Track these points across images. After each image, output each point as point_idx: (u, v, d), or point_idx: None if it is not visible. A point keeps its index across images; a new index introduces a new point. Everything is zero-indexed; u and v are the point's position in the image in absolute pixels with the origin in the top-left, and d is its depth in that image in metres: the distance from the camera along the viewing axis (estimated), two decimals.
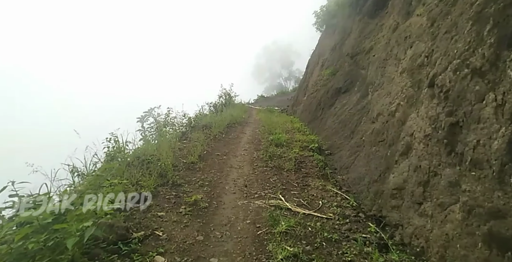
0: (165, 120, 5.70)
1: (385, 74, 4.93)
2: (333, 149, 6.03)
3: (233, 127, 6.99)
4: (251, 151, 5.15)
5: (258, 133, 6.53)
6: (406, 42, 4.28)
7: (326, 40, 12.57)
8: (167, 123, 5.70)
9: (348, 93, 7.72)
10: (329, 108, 8.42)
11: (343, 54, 9.30)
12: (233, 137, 6.13)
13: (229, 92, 11.40)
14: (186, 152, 4.61)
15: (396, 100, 3.76)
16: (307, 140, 5.83)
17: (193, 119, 6.59)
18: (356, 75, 7.75)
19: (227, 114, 7.95)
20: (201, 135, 5.46)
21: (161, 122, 5.62)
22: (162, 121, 5.65)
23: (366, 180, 3.74)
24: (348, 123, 6.43)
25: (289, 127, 7.44)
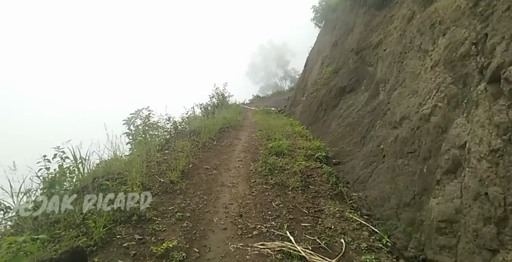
0: (143, 126, 4.80)
1: (405, 70, 4.18)
2: (342, 156, 5.26)
3: (227, 132, 6.16)
4: (247, 162, 4.34)
5: (255, 139, 5.73)
6: (434, 30, 3.53)
7: (325, 36, 11.84)
8: (146, 129, 4.81)
9: (354, 92, 6.98)
10: (332, 109, 7.67)
11: (346, 50, 8.57)
12: (226, 144, 5.30)
13: (222, 92, 10.55)
14: (166, 167, 3.68)
15: (429, 101, 2.99)
16: (311, 147, 5.06)
17: (179, 123, 5.72)
18: (363, 72, 7.02)
19: (219, 117, 7.12)
20: (187, 143, 4.62)
21: (139, 128, 4.73)
22: (142, 127, 4.76)
23: (393, 202, 2.96)
24: (356, 127, 5.67)
25: (289, 132, 6.65)
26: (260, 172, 3.88)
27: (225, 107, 9.67)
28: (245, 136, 6.08)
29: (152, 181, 3.34)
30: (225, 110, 8.90)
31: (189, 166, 3.88)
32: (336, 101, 7.66)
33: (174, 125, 5.57)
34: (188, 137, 5.08)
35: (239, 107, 13.06)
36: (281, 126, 7.10)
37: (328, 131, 7.02)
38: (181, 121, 5.76)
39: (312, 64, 12.42)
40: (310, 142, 5.71)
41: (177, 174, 3.51)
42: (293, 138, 6.06)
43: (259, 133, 6.15)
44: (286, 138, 5.89)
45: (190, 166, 3.93)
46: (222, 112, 8.19)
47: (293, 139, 5.97)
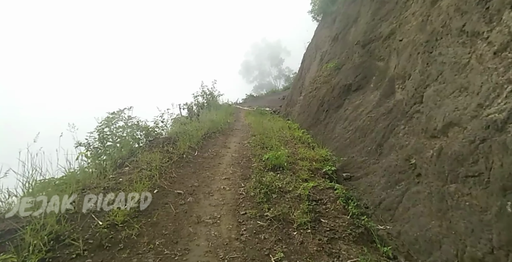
0: (100, 133, 3.68)
1: (438, 61, 3.26)
2: (353, 169, 4.32)
3: (213, 139, 5.13)
4: (236, 182, 3.33)
5: (247, 147, 4.73)
6: (491, 3, 2.60)
7: (324, 30, 10.93)
8: (107, 137, 3.70)
9: (362, 91, 6.07)
10: (335, 110, 6.75)
11: (350, 43, 7.66)
12: (211, 155, 4.28)
13: (211, 90, 9.46)
14: (113, 197, 2.51)
15: (497, 100, 2.06)
16: (316, 158, 4.11)
17: (151, 129, 4.64)
18: (371, 68, 6.11)
19: (206, 120, 6.08)
20: (157, 155, 3.55)
21: (98, 136, 3.62)
22: (99, 135, 3.63)
23: (450, 251, 2.01)
24: (369, 132, 4.74)
25: (287, 137, 5.69)
26: (253, 196, 2.86)
27: (215, 107, 8.62)
28: (236, 143, 5.07)
29: (78, 226, 2.12)
30: (214, 111, 7.86)
31: (153, 192, 2.82)
32: (340, 101, 6.73)
33: (146, 132, 4.49)
34: (161, 146, 4.03)
35: (230, 107, 12.02)
36: (278, 130, 6.13)
37: (332, 135, 6.08)
38: (154, 126, 4.69)
39: (310, 61, 11.50)
40: (313, 150, 4.76)
41: (127, 211, 2.35)
42: (293, 145, 5.09)
43: (252, 139, 5.16)
44: (284, 145, 4.92)
45: (155, 191, 2.88)
46: (210, 114, 7.14)
47: (292, 146, 5.01)
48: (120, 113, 5.61)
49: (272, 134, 5.68)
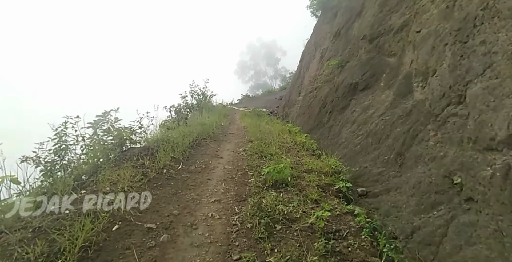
0: (57, 143, 2.88)
1: (486, 51, 2.60)
2: (367, 181, 3.65)
3: (203, 147, 4.38)
4: (228, 206, 2.58)
5: (243, 156, 4.01)
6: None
7: (324, 26, 10.29)
8: (64, 148, 2.91)
9: (371, 90, 5.42)
10: (341, 112, 6.09)
11: (355, 39, 7.02)
12: (198, 169, 3.51)
13: (203, 90, 8.70)
14: (44, 244, 1.69)
15: None
16: (325, 170, 3.43)
17: (127, 136, 3.83)
18: (380, 65, 5.47)
19: (196, 123, 5.34)
20: (126, 172, 2.79)
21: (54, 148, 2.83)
22: (55, 147, 2.84)
23: None
24: (384, 138, 4.08)
25: (288, 142, 5.00)
26: (249, 229, 2.11)
27: (207, 109, 7.88)
28: (229, 151, 4.34)
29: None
30: (206, 113, 7.12)
31: (111, 230, 2.07)
32: (345, 102, 6.08)
33: (120, 141, 3.67)
34: (135, 159, 3.27)
35: (225, 108, 11.28)
36: (277, 135, 5.43)
37: (339, 140, 5.41)
38: (129, 133, 3.87)
39: (309, 59, 10.85)
40: (320, 159, 4.08)
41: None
42: (295, 153, 4.40)
43: (248, 146, 4.44)
44: (285, 153, 4.22)
45: (115, 228, 2.08)
46: (202, 117, 6.40)
47: (295, 154, 4.32)
48: (106, 115, 4.86)
49: (271, 139, 4.98)
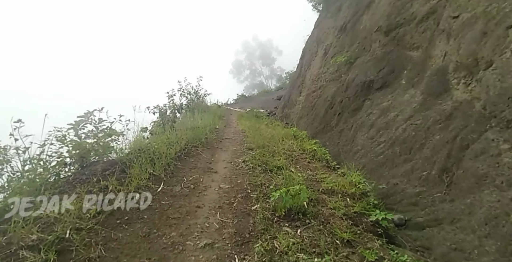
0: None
1: None
2: (402, 204, 2.88)
3: (192, 157, 3.47)
4: (226, 253, 1.71)
5: (243, 169, 3.16)
6: None
7: (327, 21, 9.56)
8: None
9: (389, 89, 4.68)
10: (353, 114, 5.34)
11: (365, 32, 6.28)
12: (184, 191, 2.57)
13: (196, 88, 7.81)
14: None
15: None
16: (350, 190, 2.66)
17: (91, 147, 2.90)
18: (400, 59, 4.74)
19: (186, 126, 4.49)
20: (76, 202, 1.90)
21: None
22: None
23: None
24: (417, 147, 3.33)
25: (295, 150, 4.21)
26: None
27: (200, 109, 7.04)
28: (226, 162, 3.48)
29: None
30: (198, 114, 6.28)
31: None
32: (358, 103, 5.33)
33: (80, 153, 2.75)
34: (95, 180, 2.40)
35: (220, 109, 10.42)
36: (281, 141, 4.63)
37: (353, 147, 4.65)
38: (93, 143, 2.94)
39: (310, 56, 10.10)
40: (338, 173, 3.30)
41: None
42: (306, 164, 3.61)
43: (249, 156, 3.61)
44: (293, 164, 3.43)
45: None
46: (194, 119, 5.56)
47: (306, 166, 3.53)
48: (89, 115, 4.07)
49: (275, 146, 4.18)
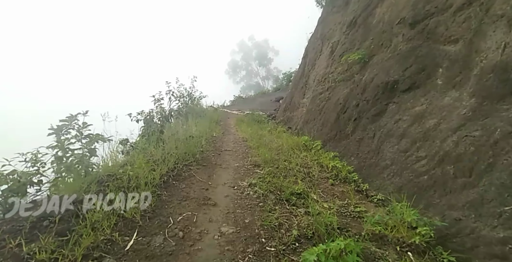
0: None
1: None
2: (478, 254, 2.09)
3: (183, 181, 2.59)
4: None
5: (250, 199, 2.30)
6: None
7: (333, 16, 8.83)
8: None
9: (421, 91, 3.91)
10: (373, 119, 4.57)
11: (381, 26, 5.54)
12: (167, 244, 1.64)
13: (189, 90, 6.89)
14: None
15: None
16: (409, 240, 1.86)
17: (19, 183, 1.97)
18: (433, 55, 3.98)
19: (176, 138, 3.63)
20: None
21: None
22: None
23: None
24: (483, 169, 2.55)
25: (312, 166, 3.40)
26: None
27: (195, 114, 6.17)
28: (227, 186, 2.61)
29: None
30: (193, 120, 5.43)
31: None
32: (379, 107, 4.56)
33: (11, 187, 1.86)
34: (15, 245, 1.55)
35: (216, 112, 9.56)
36: (292, 152, 3.82)
37: (380, 162, 3.87)
38: (35, 173, 2.07)
39: (314, 55, 9.33)
40: (376, 202, 2.50)
41: None
42: (330, 188, 2.81)
43: (256, 177, 2.77)
44: (314, 188, 2.62)
45: None
46: (187, 126, 4.70)
47: (330, 190, 2.73)
48: (72, 120, 3.36)
49: (286, 160, 3.37)
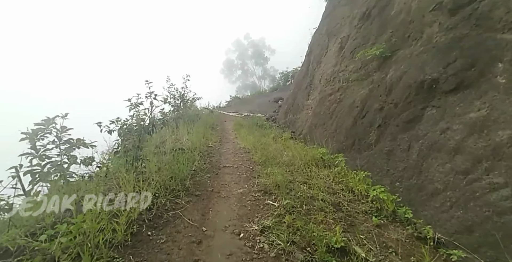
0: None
1: None
2: None
3: (162, 231, 1.54)
4: None
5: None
6: None
7: (340, 9, 8.00)
8: None
9: (475, 92, 3.07)
10: (405, 127, 3.74)
11: (402, 17, 4.72)
12: None
13: (182, 91, 5.93)
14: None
15: None
16: None
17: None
18: (486, 47, 3.14)
19: (159, 159, 2.71)
20: None
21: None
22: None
23: None
24: None
25: (340, 193, 2.55)
26: None
27: (186, 119, 5.25)
28: (229, 237, 1.69)
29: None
30: (184, 126, 4.51)
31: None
32: (413, 111, 3.73)
33: None
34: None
35: (212, 114, 8.62)
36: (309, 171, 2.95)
37: (426, 184, 3.03)
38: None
39: (320, 52, 8.49)
40: None
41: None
42: (378, 234, 1.96)
43: (271, 217, 1.90)
44: (358, 235, 1.76)
45: None
46: (177, 136, 3.78)
47: (379, 237, 1.89)
48: (49, 123, 2.82)
49: (305, 183, 2.51)
